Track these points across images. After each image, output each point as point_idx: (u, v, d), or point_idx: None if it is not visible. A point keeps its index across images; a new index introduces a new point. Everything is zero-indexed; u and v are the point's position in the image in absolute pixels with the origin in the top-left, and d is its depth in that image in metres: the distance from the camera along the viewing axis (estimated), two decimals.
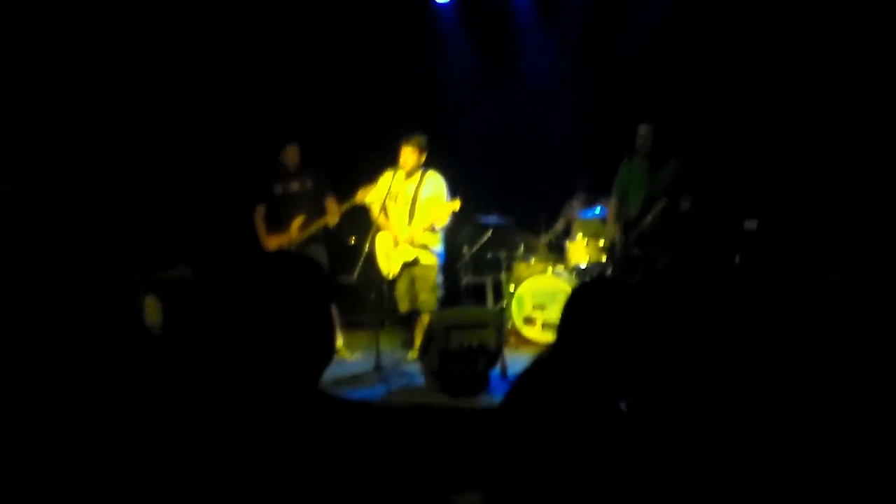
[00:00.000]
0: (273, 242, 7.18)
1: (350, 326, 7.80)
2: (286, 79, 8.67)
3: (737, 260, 7.27)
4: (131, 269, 7.21)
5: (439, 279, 6.99)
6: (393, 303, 7.16)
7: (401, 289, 7.01)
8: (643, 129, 7.06)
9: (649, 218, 6.97)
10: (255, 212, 7.32)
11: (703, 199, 6.97)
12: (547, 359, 2.37)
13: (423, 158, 6.87)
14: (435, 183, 6.89)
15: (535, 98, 8.81)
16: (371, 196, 6.87)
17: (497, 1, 8.86)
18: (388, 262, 6.96)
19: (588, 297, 2.35)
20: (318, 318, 1.79)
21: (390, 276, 6.98)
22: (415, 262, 6.89)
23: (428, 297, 6.88)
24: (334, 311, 7.03)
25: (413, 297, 6.96)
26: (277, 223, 7.21)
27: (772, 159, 7.75)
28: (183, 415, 1.72)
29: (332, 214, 7.06)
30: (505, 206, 7.79)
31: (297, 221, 7.10)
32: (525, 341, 7.57)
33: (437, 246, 6.95)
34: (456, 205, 6.61)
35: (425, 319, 6.64)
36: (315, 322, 1.78)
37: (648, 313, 2.25)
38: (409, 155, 6.80)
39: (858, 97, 7.44)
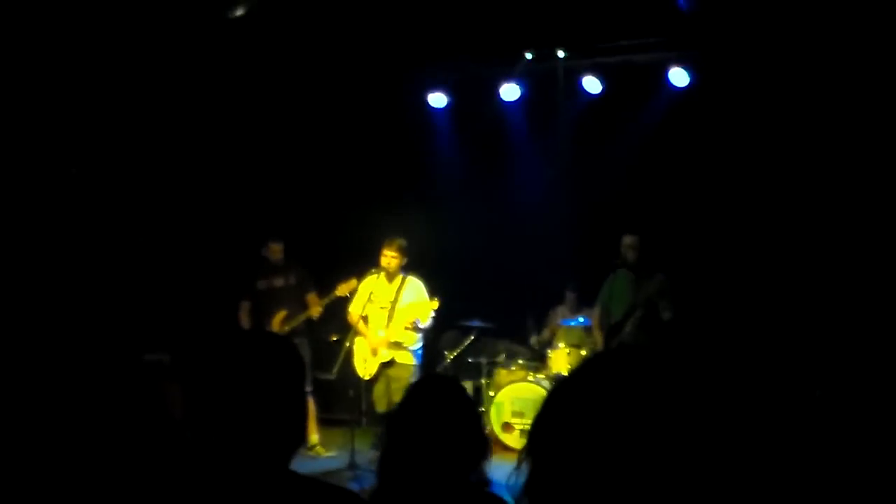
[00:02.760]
0: None
1: (327, 423, 7.68)
2: (274, 176, 8.73)
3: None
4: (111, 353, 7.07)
5: (414, 381, 6.90)
6: (371, 403, 7.09)
7: (378, 390, 6.96)
8: (627, 240, 7.17)
9: (628, 326, 7.00)
10: (240, 307, 7.33)
11: (687, 311, 7.00)
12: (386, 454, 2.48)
13: (404, 261, 6.91)
14: (415, 289, 6.93)
15: (524, 206, 8.88)
16: (354, 302, 6.91)
17: (490, 110, 9.00)
18: (365, 364, 6.91)
19: (420, 394, 2.57)
20: (291, 395, 1.79)
21: (366, 377, 6.93)
22: (391, 363, 6.86)
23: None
24: (313, 405, 7.07)
25: (389, 399, 6.88)
26: (261, 318, 7.23)
27: (754, 274, 7.78)
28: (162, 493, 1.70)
29: (315, 307, 7.06)
30: (489, 313, 7.79)
31: (280, 316, 7.13)
32: (503, 447, 7.45)
33: (415, 346, 6.93)
34: (435, 304, 6.64)
35: None
36: (287, 400, 1.77)
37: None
38: (389, 258, 6.84)
39: (831, 204, 7.50)
